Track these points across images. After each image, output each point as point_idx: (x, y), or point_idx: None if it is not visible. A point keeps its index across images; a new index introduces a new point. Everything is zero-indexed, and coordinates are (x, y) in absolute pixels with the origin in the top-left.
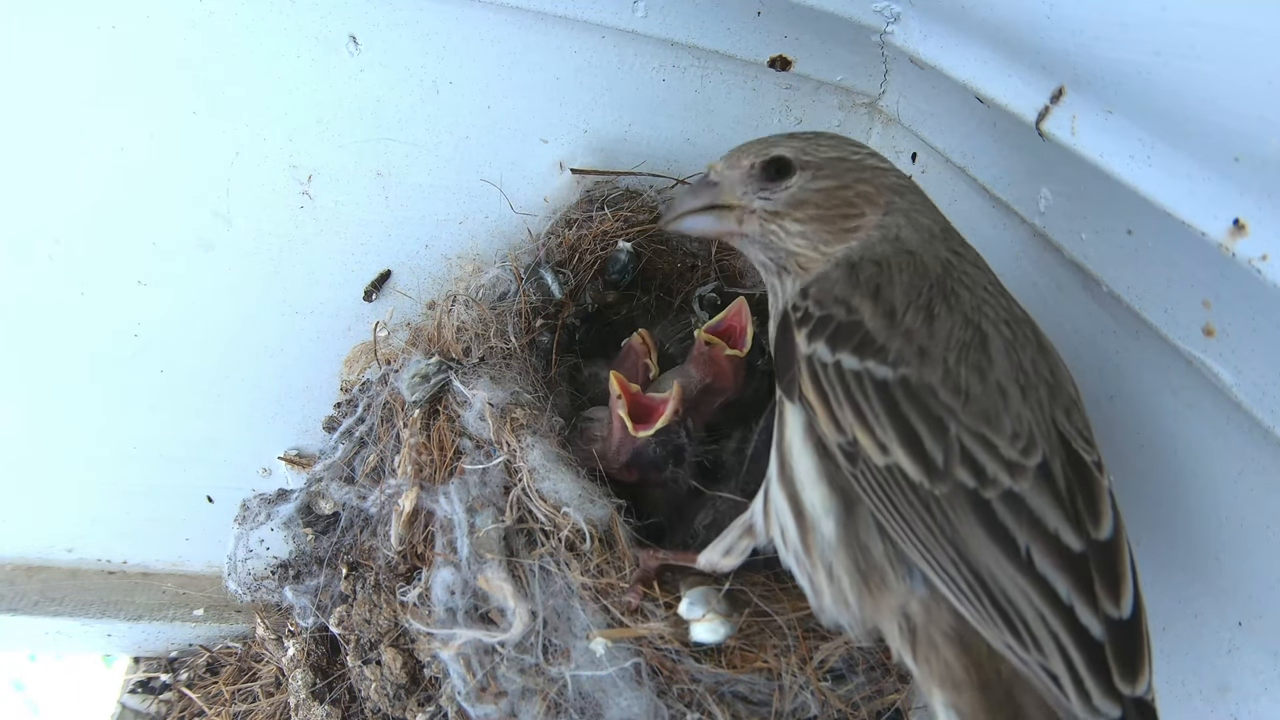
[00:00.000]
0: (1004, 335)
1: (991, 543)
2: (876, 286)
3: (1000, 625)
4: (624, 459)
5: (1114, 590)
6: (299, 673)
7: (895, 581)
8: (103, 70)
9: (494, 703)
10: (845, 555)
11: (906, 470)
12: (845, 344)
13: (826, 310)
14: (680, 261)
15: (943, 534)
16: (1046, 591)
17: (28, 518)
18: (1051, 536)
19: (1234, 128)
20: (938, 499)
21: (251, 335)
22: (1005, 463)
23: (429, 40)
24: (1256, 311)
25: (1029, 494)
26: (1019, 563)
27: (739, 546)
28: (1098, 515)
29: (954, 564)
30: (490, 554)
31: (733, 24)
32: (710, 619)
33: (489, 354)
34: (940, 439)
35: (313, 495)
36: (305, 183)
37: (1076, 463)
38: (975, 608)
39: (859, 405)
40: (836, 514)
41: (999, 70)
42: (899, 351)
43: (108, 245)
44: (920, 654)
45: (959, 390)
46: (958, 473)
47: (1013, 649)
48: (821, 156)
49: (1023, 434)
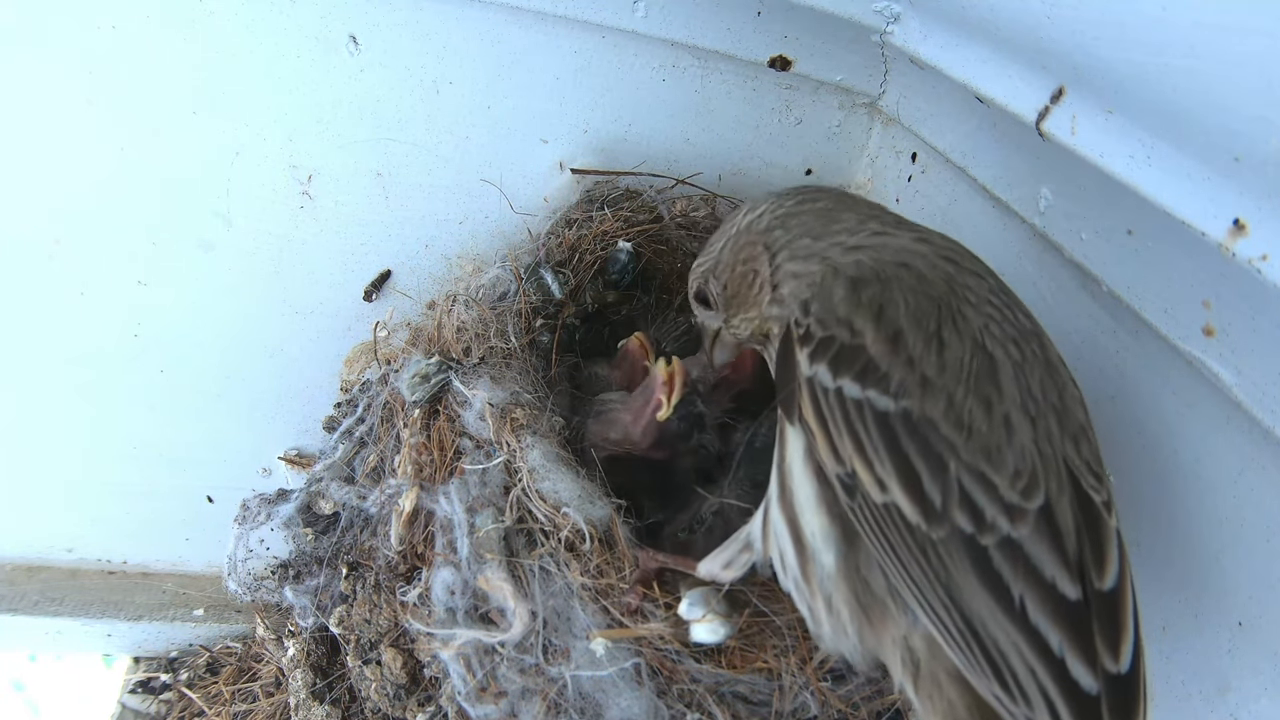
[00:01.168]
0: (1012, 357)
1: (985, 591)
2: (880, 307)
3: (989, 675)
4: (651, 439)
5: (1114, 644)
6: (299, 673)
7: (897, 614)
8: (103, 70)
9: (494, 703)
10: (845, 587)
11: (904, 511)
12: (847, 369)
13: (829, 331)
14: (680, 261)
15: (937, 579)
16: (1038, 644)
17: (28, 518)
18: (1048, 586)
19: (1234, 128)
20: (934, 543)
21: (251, 335)
22: (1005, 506)
23: (429, 40)
24: (1256, 311)
25: (1027, 540)
26: (1012, 614)
27: (739, 560)
28: (1103, 563)
29: (946, 610)
30: (490, 554)
31: (733, 24)
32: (710, 619)
33: (489, 354)
34: (939, 478)
35: (313, 495)
36: (305, 183)
37: (1085, 503)
38: (965, 655)
39: (859, 436)
40: (836, 545)
41: (999, 70)
42: (901, 381)
43: (108, 245)
44: (923, 690)
45: (961, 425)
46: (955, 516)
47: (1000, 700)
48: (714, 258)
49: (1025, 471)
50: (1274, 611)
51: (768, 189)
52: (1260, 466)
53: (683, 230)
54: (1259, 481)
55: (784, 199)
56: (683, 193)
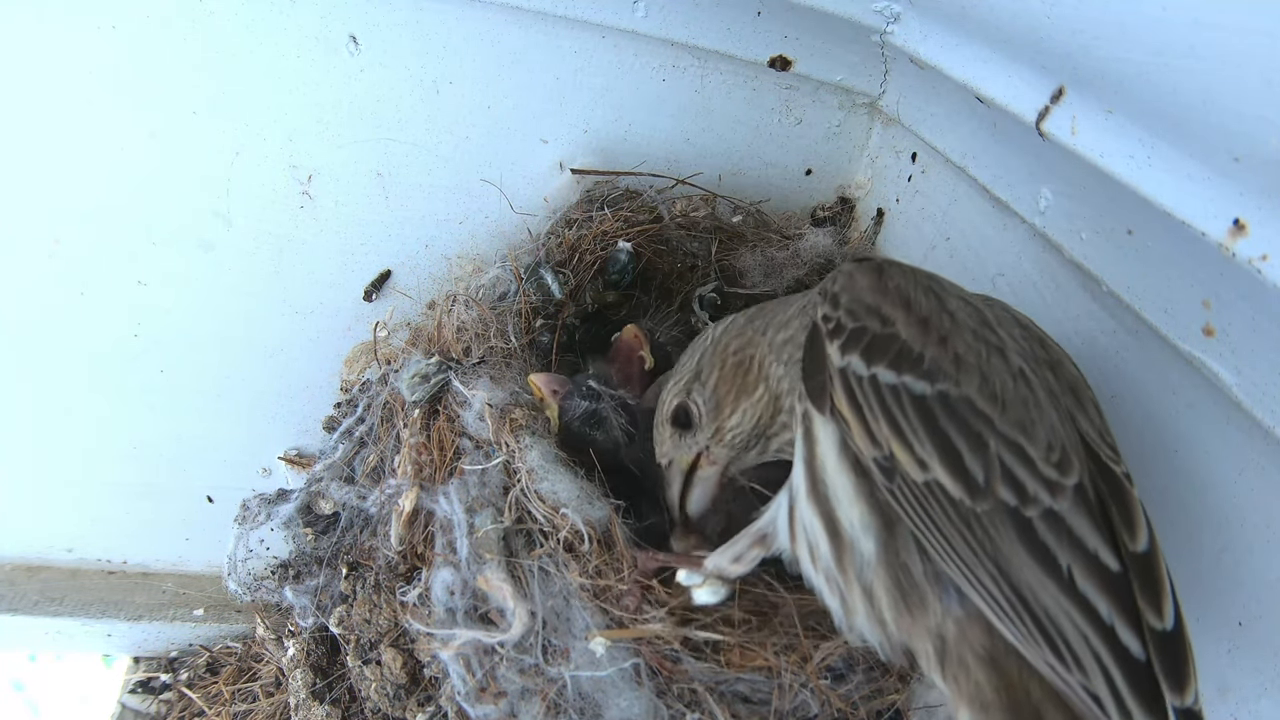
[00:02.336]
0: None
1: (1033, 561)
2: (907, 296)
3: (1042, 644)
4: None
5: (1156, 602)
6: (299, 673)
7: (934, 601)
8: (102, 70)
9: (494, 703)
10: (885, 574)
11: (947, 487)
12: (881, 357)
13: (860, 322)
14: (680, 261)
15: (984, 552)
16: (1088, 611)
17: (28, 518)
18: (1091, 556)
19: (1234, 128)
20: (979, 516)
21: (251, 335)
22: (1044, 480)
23: (429, 40)
24: (1256, 311)
25: (1068, 513)
26: (1061, 582)
27: (748, 555)
28: (1134, 528)
29: (995, 582)
30: (489, 554)
31: (733, 24)
32: (710, 582)
33: (489, 354)
34: (980, 455)
35: (313, 495)
36: (305, 183)
37: (1108, 475)
38: (1017, 627)
39: (896, 420)
40: (876, 532)
41: (999, 70)
42: (934, 361)
43: (108, 245)
44: (950, 673)
45: (995, 398)
46: (999, 490)
47: (1054, 668)
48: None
49: (1056, 446)
50: (1274, 611)
51: (768, 189)
52: (1260, 466)
53: (683, 230)
54: (1259, 481)
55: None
56: (683, 193)
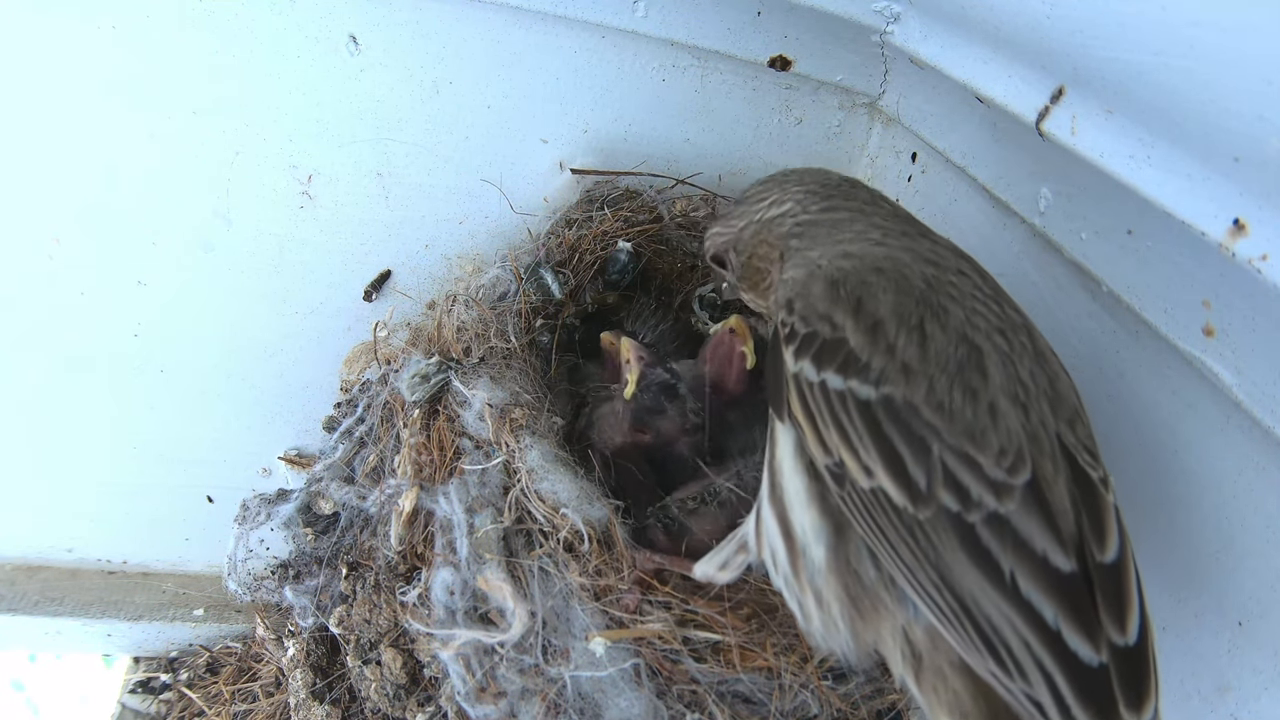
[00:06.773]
0: (999, 348)
1: (974, 568)
2: (858, 300)
3: (984, 652)
4: (628, 424)
5: (1120, 616)
6: (299, 673)
7: (892, 605)
8: (103, 70)
9: (493, 703)
10: (835, 581)
11: (890, 494)
12: (830, 362)
13: (811, 327)
14: (680, 261)
15: (926, 559)
16: (1031, 617)
17: (28, 518)
18: (1039, 559)
19: (1234, 128)
20: (921, 524)
21: (252, 335)
22: (990, 483)
23: (429, 40)
24: (1256, 311)
25: (1015, 515)
26: (1003, 588)
27: (734, 561)
28: (1103, 536)
29: (938, 590)
30: (489, 554)
31: (733, 24)
32: None
33: (489, 354)
34: (923, 460)
35: (313, 495)
36: (305, 183)
37: (1082, 480)
38: (959, 634)
39: (843, 426)
40: (826, 539)
41: (999, 70)
42: (882, 369)
43: (108, 245)
44: (926, 682)
45: (943, 408)
46: (941, 495)
47: (997, 677)
48: (734, 234)
49: (1010, 450)
50: (1274, 611)
51: None
52: (1260, 466)
53: (683, 230)
54: (1259, 481)
55: (810, 201)
56: (683, 193)
